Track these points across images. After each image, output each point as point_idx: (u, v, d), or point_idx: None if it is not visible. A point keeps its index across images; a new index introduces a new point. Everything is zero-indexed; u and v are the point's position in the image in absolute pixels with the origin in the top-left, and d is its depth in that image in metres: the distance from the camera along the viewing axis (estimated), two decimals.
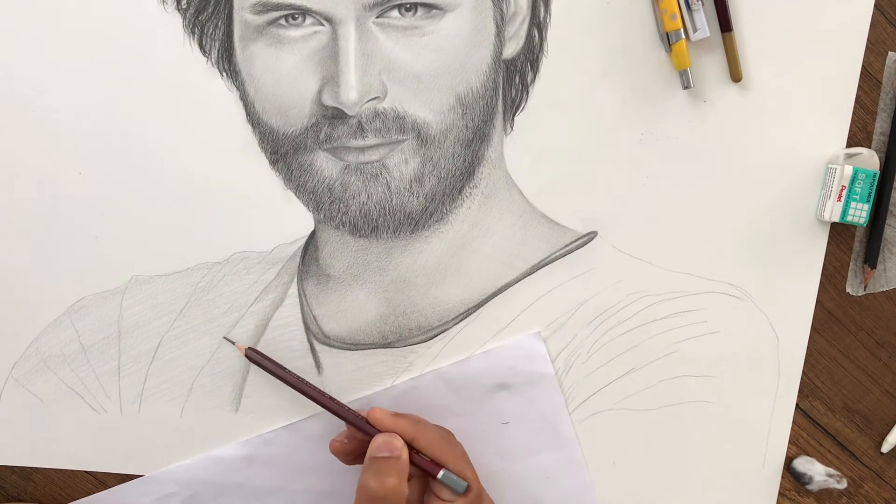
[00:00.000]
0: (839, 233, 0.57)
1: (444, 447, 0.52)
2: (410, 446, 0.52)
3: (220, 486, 0.59)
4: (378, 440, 0.51)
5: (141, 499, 0.59)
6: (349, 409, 0.54)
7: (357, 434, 0.53)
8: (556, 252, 0.57)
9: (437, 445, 0.52)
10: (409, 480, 0.51)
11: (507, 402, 0.58)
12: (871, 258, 0.56)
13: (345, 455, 0.54)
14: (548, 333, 0.57)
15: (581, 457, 0.58)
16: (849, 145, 0.56)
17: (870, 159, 0.54)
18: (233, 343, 0.57)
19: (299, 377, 0.56)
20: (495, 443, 0.58)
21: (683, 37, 0.53)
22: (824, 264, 0.57)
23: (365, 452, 0.52)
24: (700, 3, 0.53)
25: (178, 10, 0.55)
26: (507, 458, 0.58)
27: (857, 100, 0.55)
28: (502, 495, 0.58)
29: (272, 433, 0.58)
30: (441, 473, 0.51)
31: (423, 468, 0.51)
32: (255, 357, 0.56)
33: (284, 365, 0.56)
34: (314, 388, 0.55)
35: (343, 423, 0.54)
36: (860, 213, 0.54)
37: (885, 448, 0.59)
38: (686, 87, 0.54)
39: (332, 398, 0.54)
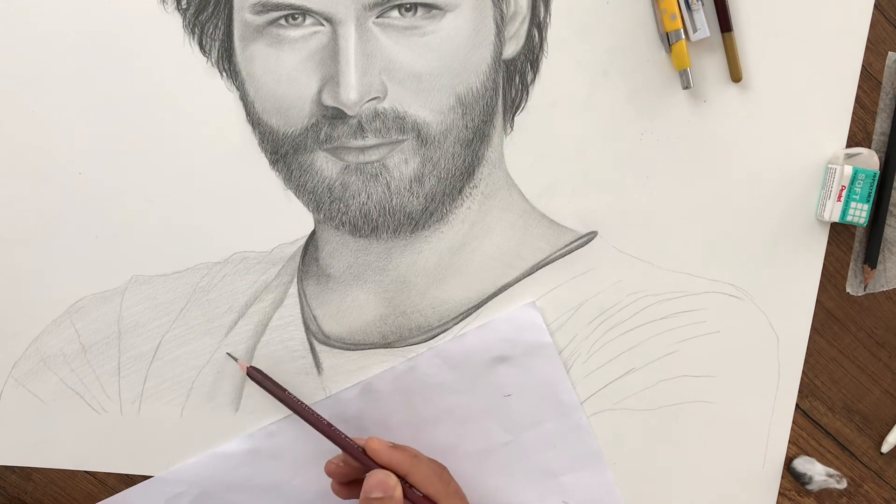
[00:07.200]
0: (839, 233, 0.57)
1: (437, 484, 0.52)
2: (404, 481, 0.51)
3: (228, 482, 0.59)
4: (372, 480, 0.50)
5: (150, 500, 0.59)
6: (346, 437, 0.54)
7: (353, 461, 0.53)
8: (556, 252, 0.57)
9: (431, 482, 0.52)
10: None
11: (506, 374, 0.57)
12: (871, 258, 0.56)
13: (340, 476, 0.54)
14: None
15: (586, 422, 0.58)
16: (849, 145, 0.56)
17: (870, 159, 0.54)
18: (235, 360, 0.57)
19: (299, 400, 0.56)
20: (499, 416, 0.58)
21: (683, 37, 0.53)
22: (824, 264, 0.57)
23: (359, 476, 0.52)
24: (700, 3, 0.53)
25: (178, 10, 0.55)
26: (513, 430, 0.58)
27: (857, 100, 0.55)
28: (511, 467, 0.58)
29: (275, 424, 0.58)
30: None
31: None
32: (256, 376, 0.56)
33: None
34: (313, 412, 0.55)
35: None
36: (860, 213, 0.54)
37: (885, 448, 0.59)
38: (686, 87, 0.54)
39: (329, 424, 0.54)
